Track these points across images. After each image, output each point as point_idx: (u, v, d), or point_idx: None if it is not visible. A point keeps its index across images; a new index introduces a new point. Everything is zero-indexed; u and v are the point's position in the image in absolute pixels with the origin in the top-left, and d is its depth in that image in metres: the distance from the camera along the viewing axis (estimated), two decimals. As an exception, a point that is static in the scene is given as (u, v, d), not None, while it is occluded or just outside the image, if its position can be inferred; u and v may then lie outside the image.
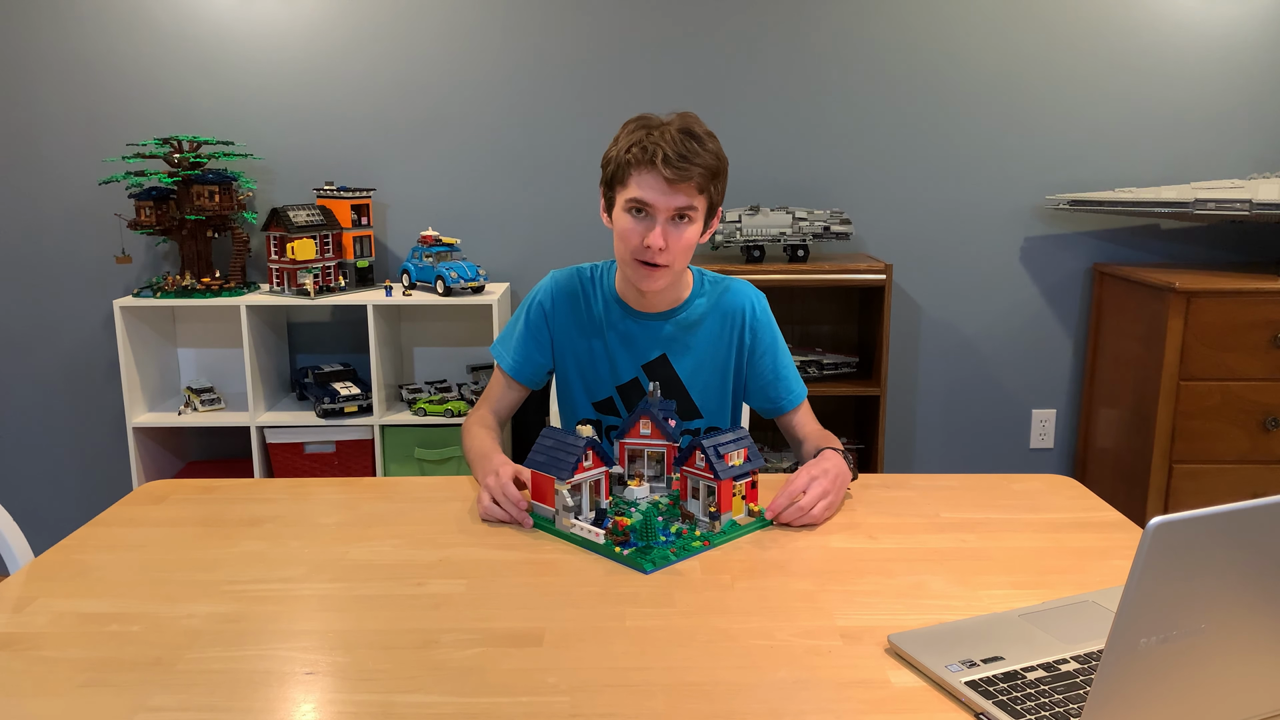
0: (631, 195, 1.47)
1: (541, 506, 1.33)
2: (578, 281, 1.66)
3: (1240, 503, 0.72)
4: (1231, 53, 2.81)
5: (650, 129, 1.47)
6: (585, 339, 1.65)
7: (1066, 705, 0.87)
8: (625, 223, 1.49)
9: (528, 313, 1.67)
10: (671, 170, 1.42)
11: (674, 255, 1.49)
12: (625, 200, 1.49)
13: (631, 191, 1.47)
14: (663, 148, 1.43)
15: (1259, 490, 2.55)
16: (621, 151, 1.48)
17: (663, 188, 1.44)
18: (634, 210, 1.48)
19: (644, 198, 1.46)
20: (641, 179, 1.46)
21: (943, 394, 3.02)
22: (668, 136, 1.44)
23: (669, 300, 1.62)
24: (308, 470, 2.67)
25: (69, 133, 2.78)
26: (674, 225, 1.48)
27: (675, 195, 1.45)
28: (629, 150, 1.46)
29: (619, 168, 1.49)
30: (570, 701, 0.91)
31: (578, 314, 1.65)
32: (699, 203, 1.49)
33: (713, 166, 1.47)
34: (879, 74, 2.82)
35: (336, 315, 2.93)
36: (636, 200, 1.47)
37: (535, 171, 2.85)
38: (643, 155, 1.44)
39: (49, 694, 0.92)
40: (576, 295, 1.65)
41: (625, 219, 1.49)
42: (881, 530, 1.32)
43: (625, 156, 1.47)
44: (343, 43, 2.76)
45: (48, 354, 2.90)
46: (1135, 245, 2.93)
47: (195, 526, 1.34)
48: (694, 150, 1.44)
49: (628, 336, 1.64)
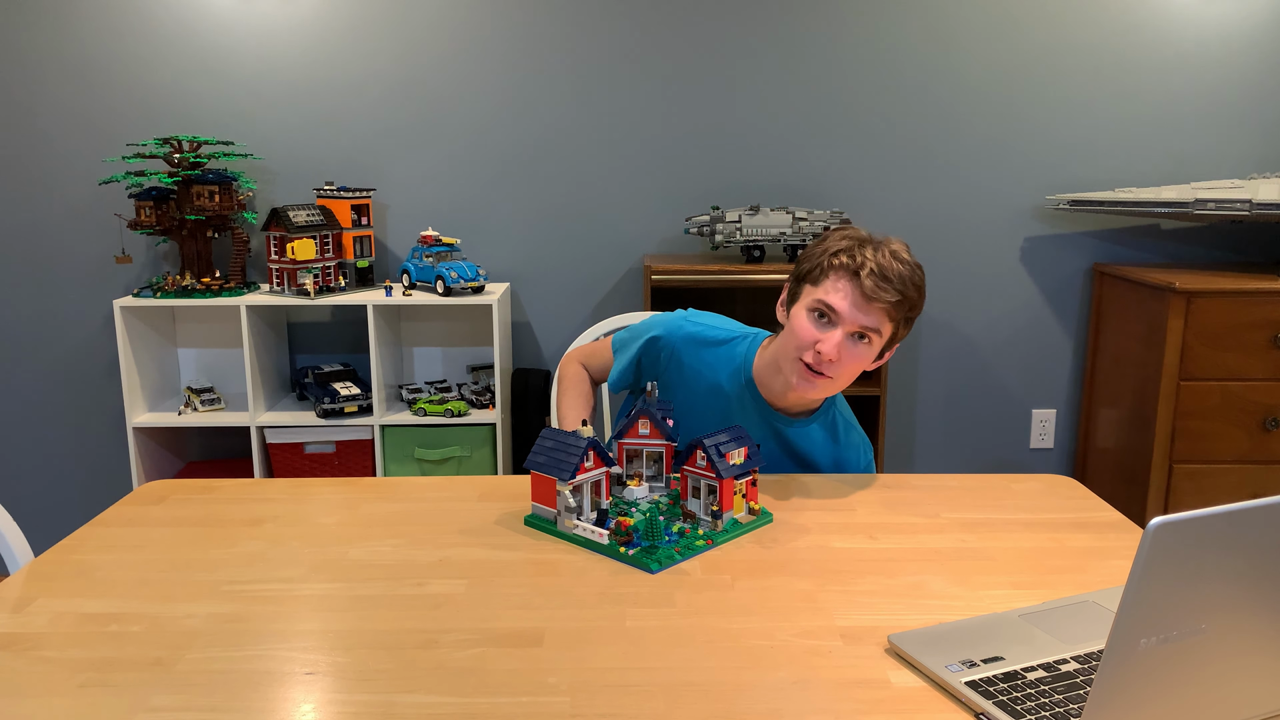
0: (820, 297, 1.43)
1: (542, 507, 1.33)
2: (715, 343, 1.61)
3: (1240, 503, 0.72)
4: (1231, 52, 2.81)
5: (864, 242, 1.43)
6: (692, 395, 1.61)
7: (1066, 705, 0.87)
8: (804, 322, 1.45)
9: (644, 344, 1.63)
10: (874, 286, 1.39)
11: (841, 370, 1.44)
12: (814, 300, 1.44)
13: (823, 294, 1.43)
14: (871, 263, 1.40)
15: (1259, 490, 2.55)
16: (827, 253, 1.44)
17: (858, 301, 1.40)
18: (818, 313, 1.44)
19: (833, 304, 1.41)
20: (838, 285, 1.42)
21: (943, 394, 3.02)
22: (882, 253, 1.41)
23: (796, 405, 1.58)
24: (308, 470, 2.68)
25: (69, 133, 2.78)
26: (852, 341, 1.43)
27: (867, 313, 1.41)
28: (836, 254, 1.43)
29: (818, 267, 1.44)
30: (570, 701, 0.91)
31: (699, 373, 1.60)
32: (885, 329, 1.44)
33: (912, 299, 1.43)
34: (879, 74, 2.82)
35: (336, 315, 2.93)
36: (825, 304, 1.42)
37: (535, 171, 2.85)
38: (849, 263, 1.41)
39: (49, 694, 0.92)
40: (706, 357, 1.60)
41: (805, 318, 1.45)
42: (881, 530, 1.32)
43: (831, 259, 1.43)
44: (343, 43, 2.76)
45: (48, 354, 2.90)
46: (1135, 245, 2.93)
47: (195, 526, 1.34)
48: (901, 276, 1.40)
49: (744, 419, 1.59)
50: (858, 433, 1.65)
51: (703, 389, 1.60)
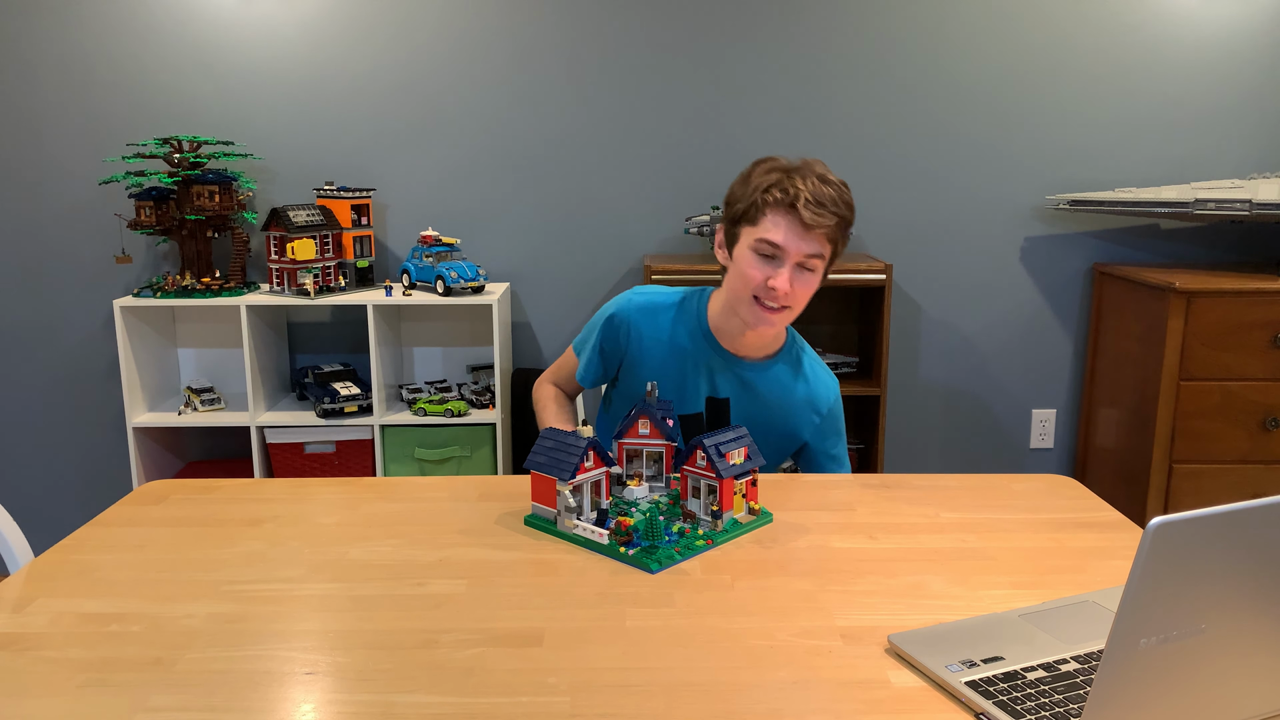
0: (762, 236, 1.46)
1: (542, 507, 1.33)
2: (666, 306, 1.64)
3: (1240, 503, 0.72)
4: (1231, 53, 2.81)
5: (789, 172, 1.45)
6: (662, 364, 1.63)
7: (1066, 705, 0.87)
8: (750, 261, 1.47)
9: (604, 329, 1.65)
10: (810, 214, 1.42)
11: (795, 300, 1.48)
12: (755, 240, 1.47)
13: (763, 232, 1.45)
14: (803, 191, 1.42)
15: (1259, 490, 2.55)
16: (758, 191, 1.46)
17: (799, 232, 1.44)
18: (762, 251, 1.47)
19: (777, 240, 1.44)
20: (777, 221, 1.44)
21: (943, 394, 3.02)
22: (809, 182, 1.43)
23: (760, 349, 1.61)
24: (308, 470, 2.68)
25: (69, 133, 2.78)
26: (798, 272, 1.47)
27: (809, 241, 1.44)
28: (768, 190, 1.45)
29: (752, 206, 1.47)
30: (570, 701, 0.91)
31: (659, 339, 1.63)
32: (827, 252, 1.48)
33: (847, 218, 1.47)
34: (879, 74, 2.82)
35: (336, 315, 2.93)
36: (768, 242, 1.45)
37: (535, 171, 2.85)
38: (783, 198, 1.43)
39: (49, 694, 0.92)
40: (660, 324, 1.63)
41: (750, 258, 1.48)
42: (881, 530, 1.32)
43: (763, 196, 1.45)
44: (343, 43, 2.76)
45: (48, 354, 2.90)
46: (1135, 245, 2.93)
47: (195, 526, 1.34)
48: (834, 199, 1.44)
49: (709, 371, 1.62)
50: (823, 368, 1.68)
51: (666, 353, 1.63)
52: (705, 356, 1.62)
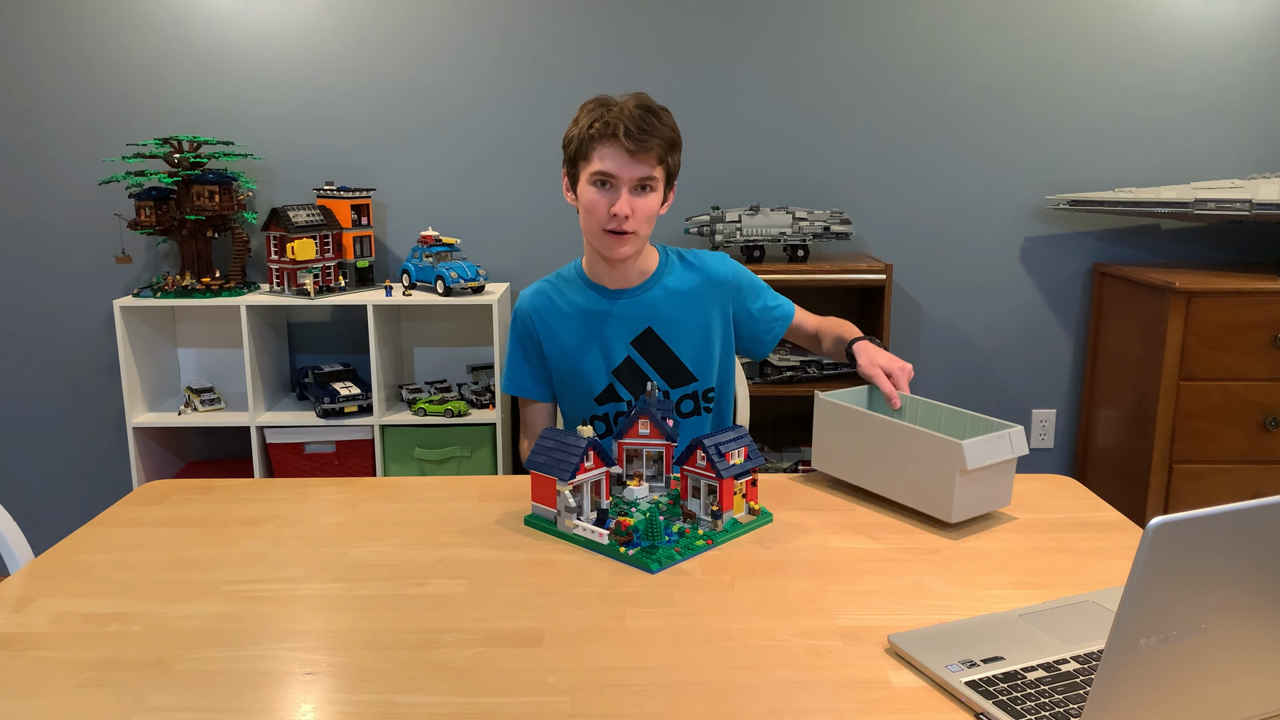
0: (595, 169, 1.55)
1: (542, 507, 1.33)
2: (547, 285, 1.74)
3: (1240, 503, 0.72)
4: (1231, 52, 2.81)
5: (609, 106, 1.55)
6: (571, 334, 1.70)
7: (1066, 705, 0.87)
8: (590, 195, 1.57)
9: (514, 333, 1.74)
10: (633, 142, 1.51)
11: (639, 222, 1.57)
12: (590, 174, 1.56)
13: (595, 165, 1.55)
14: (623, 122, 1.51)
15: (1259, 490, 2.55)
16: (584, 128, 1.55)
17: (625, 159, 1.53)
18: (598, 183, 1.56)
19: (608, 169, 1.54)
20: (604, 152, 1.54)
21: (943, 394, 3.02)
22: (627, 111, 1.53)
23: (640, 273, 1.69)
24: (308, 470, 2.68)
25: (69, 133, 2.78)
26: (637, 194, 1.56)
27: (637, 165, 1.53)
28: (591, 126, 1.54)
29: (581, 144, 1.56)
30: (570, 701, 0.91)
31: (558, 313, 1.71)
32: (659, 173, 1.57)
33: (670, 138, 1.56)
34: (879, 74, 2.82)
35: (336, 315, 2.93)
36: (600, 173, 1.54)
37: (535, 171, 2.85)
38: (605, 130, 1.52)
39: (49, 694, 0.92)
40: (550, 297, 1.72)
41: (590, 192, 1.57)
42: (881, 530, 1.32)
43: (588, 132, 1.54)
44: (343, 43, 2.76)
45: (48, 354, 2.90)
46: (1135, 245, 2.93)
47: (195, 526, 1.34)
48: (652, 124, 1.53)
49: (611, 316, 1.69)
50: (706, 253, 1.77)
51: (572, 321, 1.70)
52: (603, 305, 1.69)
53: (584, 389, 1.71)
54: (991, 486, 1.33)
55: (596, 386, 1.70)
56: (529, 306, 1.72)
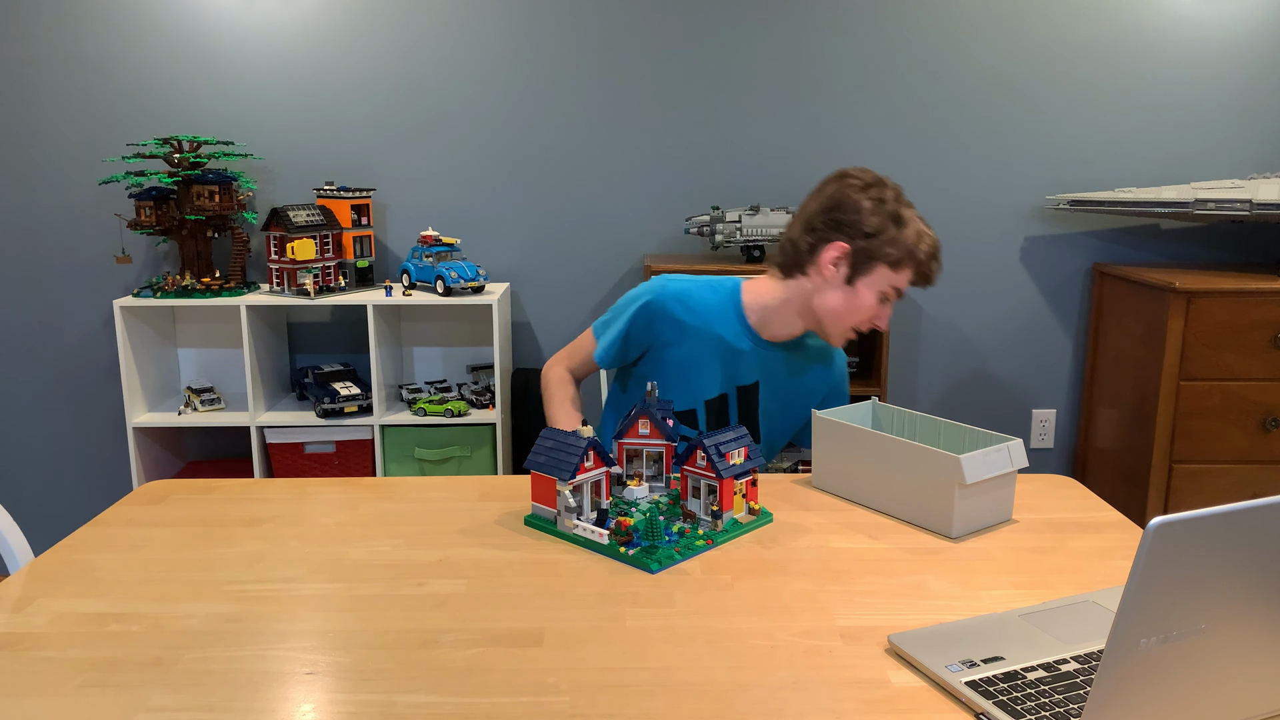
0: (895, 284, 1.56)
1: (542, 508, 1.33)
2: (699, 293, 1.67)
3: (1240, 503, 0.72)
4: (1231, 53, 2.81)
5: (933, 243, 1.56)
6: (693, 352, 1.66)
7: (1066, 705, 0.87)
8: (869, 301, 1.57)
9: (633, 315, 1.66)
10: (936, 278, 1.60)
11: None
12: (889, 285, 1.56)
13: (898, 281, 1.56)
14: (937, 262, 1.58)
15: (1259, 490, 2.55)
16: (912, 244, 1.54)
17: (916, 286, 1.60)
18: (883, 296, 1.57)
19: (902, 289, 1.58)
20: (908, 275, 1.56)
21: (943, 394, 3.02)
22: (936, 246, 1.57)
23: (791, 336, 1.69)
24: (308, 470, 2.68)
25: (69, 133, 2.78)
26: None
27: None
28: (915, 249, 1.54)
29: (906, 257, 1.54)
30: (570, 701, 0.91)
31: (695, 329, 1.66)
32: None
33: None
34: (879, 74, 2.82)
35: (336, 315, 2.93)
36: (897, 291, 1.57)
37: (535, 171, 2.85)
38: (927, 261, 1.55)
39: (49, 694, 0.92)
40: (692, 309, 1.66)
41: (872, 298, 1.57)
42: (881, 530, 1.32)
43: (920, 257, 1.55)
44: (343, 43, 2.76)
45: (48, 354, 2.90)
46: (1135, 245, 2.93)
47: (195, 526, 1.34)
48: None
49: (741, 357, 1.67)
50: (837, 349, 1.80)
51: (701, 340, 1.66)
52: (742, 343, 1.66)
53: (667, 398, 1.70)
54: (992, 500, 1.33)
55: (681, 404, 1.69)
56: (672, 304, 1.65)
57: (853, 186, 1.56)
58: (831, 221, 1.56)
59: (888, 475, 1.36)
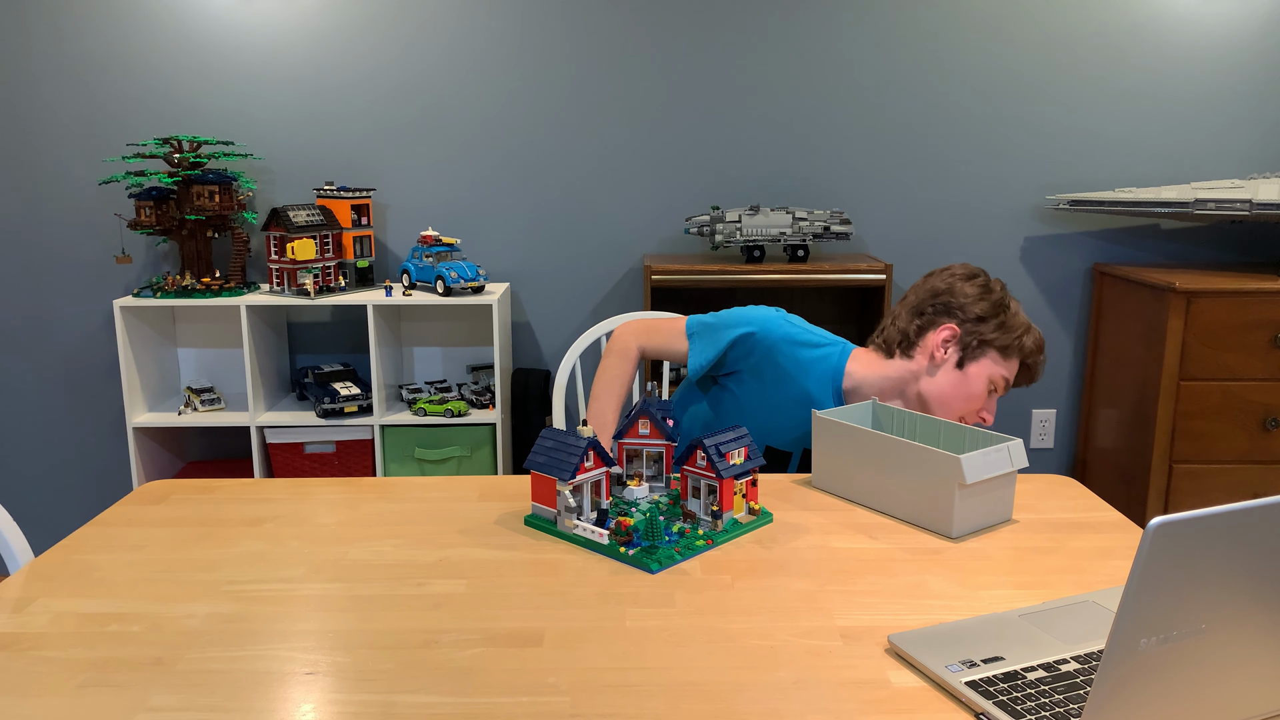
0: (1005, 376, 1.60)
1: (542, 508, 1.33)
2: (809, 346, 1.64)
3: (1240, 503, 0.72)
4: (1231, 53, 2.81)
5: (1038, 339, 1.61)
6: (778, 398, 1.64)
7: (1066, 705, 0.87)
8: (981, 387, 1.60)
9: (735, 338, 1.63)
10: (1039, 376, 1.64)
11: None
12: (999, 375, 1.60)
13: (1008, 373, 1.60)
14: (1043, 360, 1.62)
15: (1259, 490, 2.55)
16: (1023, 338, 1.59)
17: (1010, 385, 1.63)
18: (996, 387, 1.61)
19: (1010, 382, 1.61)
20: (1015, 369, 1.61)
21: (943, 394, 3.02)
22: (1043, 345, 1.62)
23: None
24: (308, 470, 2.68)
25: (69, 133, 2.78)
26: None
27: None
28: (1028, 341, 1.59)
29: (1014, 348, 1.59)
30: (570, 701, 0.91)
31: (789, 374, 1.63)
32: None
33: None
34: (879, 74, 2.82)
35: (336, 315, 2.93)
36: (1006, 381, 1.61)
37: (535, 171, 2.85)
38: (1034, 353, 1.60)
39: (49, 694, 0.92)
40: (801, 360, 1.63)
41: (982, 384, 1.60)
42: (881, 530, 1.32)
43: (1028, 348, 1.59)
44: (343, 43, 2.76)
45: (48, 354, 2.90)
46: (1135, 245, 2.93)
47: (195, 526, 1.34)
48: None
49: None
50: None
51: (788, 391, 1.64)
52: (826, 405, 1.64)
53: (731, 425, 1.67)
54: (992, 500, 1.33)
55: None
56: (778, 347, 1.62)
57: (958, 276, 1.61)
58: (940, 306, 1.60)
59: (888, 475, 1.36)
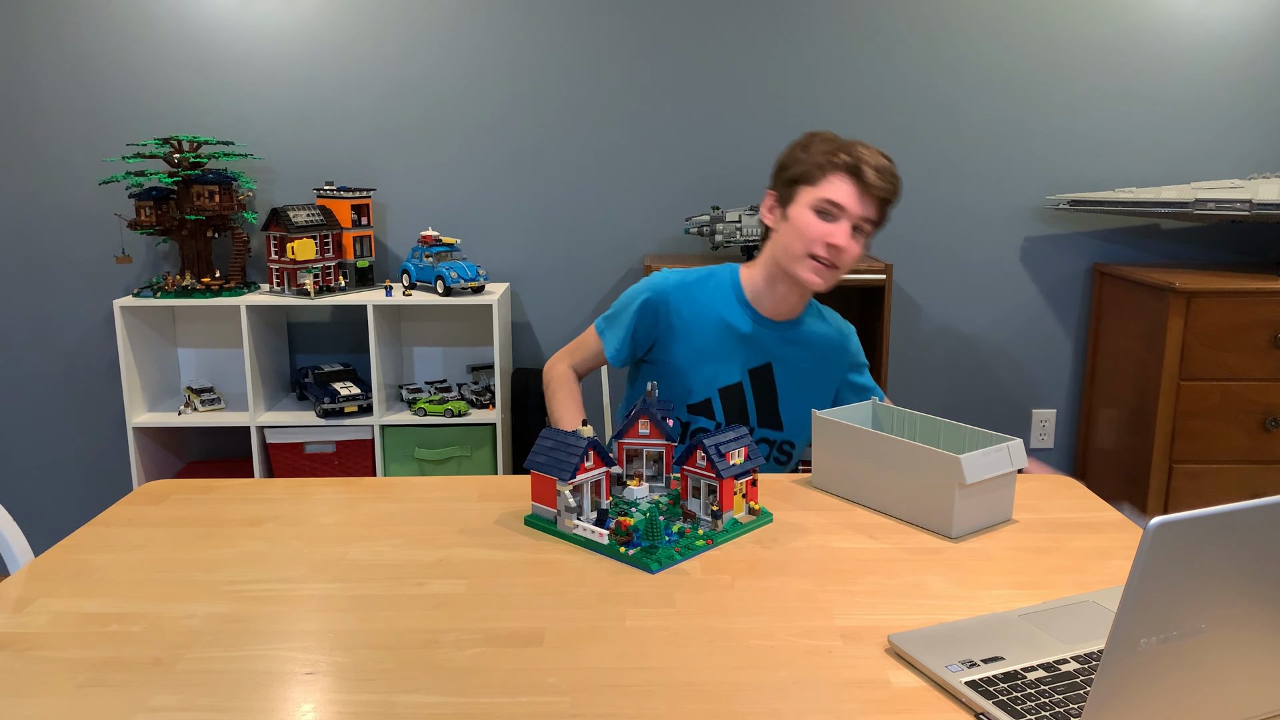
0: (824, 196, 1.56)
1: (542, 508, 1.33)
2: (695, 284, 1.70)
3: (1240, 503, 0.72)
4: (1231, 53, 2.81)
5: (850, 143, 1.57)
6: (702, 340, 1.68)
7: (1066, 705, 0.87)
8: (809, 219, 1.57)
9: (639, 310, 1.69)
10: (873, 179, 1.54)
11: (845, 261, 1.58)
12: (816, 199, 1.56)
13: (826, 192, 1.56)
14: (867, 159, 1.54)
15: (1259, 490, 2.55)
16: (819, 155, 1.57)
17: (859, 195, 1.55)
18: (822, 211, 1.56)
19: (839, 200, 1.55)
20: (840, 183, 1.55)
21: (943, 395, 3.02)
22: (869, 150, 1.55)
23: (791, 310, 1.70)
24: (308, 470, 2.68)
25: (69, 133, 2.78)
26: (853, 233, 1.57)
27: (866, 205, 1.55)
28: (832, 155, 1.56)
29: (814, 169, 1.57)
30: (570, 701, 0.91)
31: (699, 314, 1.68)
32: (875, 218, 1.58)
33: (899, 189, 1.60)
34: (879, 74, 2.82)
35: (336, 315, 2.93)
36: (830, 202, 1.55)
37: (535, 171, 2.85)
38: (848, 161, 1.54)
39: (49, 694, 0.92)
40: (695, 298, 1.68)
41: (809, 216, 1.57)
42: (881, 530, 1.32)
43: (826, 159, 1.56)
44: (343, 43, 2.76)
45: (48, 354, 2.90)
46: (1135, 245, 2.93)
47: (195, 526, 1.34)
48: (891, 170, 1.57)
49: (747, 340, 1.68)
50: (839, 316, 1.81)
51: (706, 327, 1.67)
52: (744, 325, 1.68)
53: (681, 391, 1.69)
54: (992, 500, 1.33)
55: (696, 395, 1.69)
56: (670, 297, 1.68)
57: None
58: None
59: (888, 475, 1.36)
